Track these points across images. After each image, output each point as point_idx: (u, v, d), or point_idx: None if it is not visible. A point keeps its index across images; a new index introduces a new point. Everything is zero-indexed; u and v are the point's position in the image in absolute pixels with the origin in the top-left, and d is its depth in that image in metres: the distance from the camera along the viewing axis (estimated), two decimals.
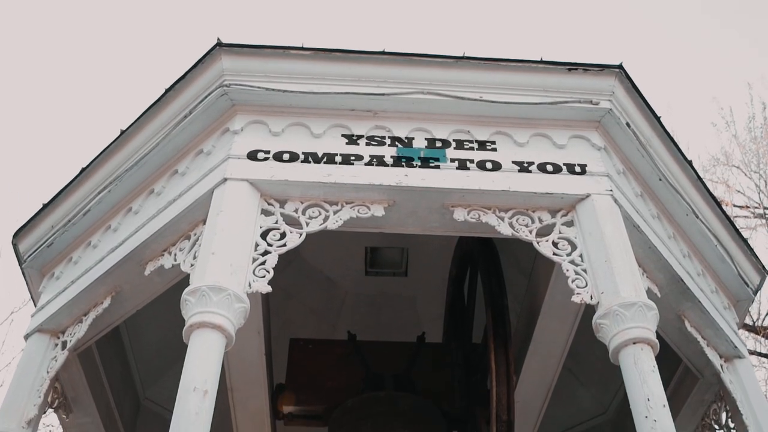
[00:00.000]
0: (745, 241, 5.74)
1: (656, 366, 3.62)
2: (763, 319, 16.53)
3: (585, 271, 4.01)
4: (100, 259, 4.78)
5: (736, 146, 18.51)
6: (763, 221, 17.52)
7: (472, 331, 5.96)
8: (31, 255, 5.40)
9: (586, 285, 3.95)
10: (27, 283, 5.60)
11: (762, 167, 17.99)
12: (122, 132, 4.99)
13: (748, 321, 15.63)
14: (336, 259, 7.06)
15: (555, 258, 4.10)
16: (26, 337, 5.01)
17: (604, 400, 7.03)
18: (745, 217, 17.56)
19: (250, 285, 3.77)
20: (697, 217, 5.20)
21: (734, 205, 17.12)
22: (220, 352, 3.52)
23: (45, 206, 5.37)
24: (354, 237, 6.75)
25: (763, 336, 16.19)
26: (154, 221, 4.50)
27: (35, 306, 5.37)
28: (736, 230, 5.66)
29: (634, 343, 3.65)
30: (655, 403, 3.46)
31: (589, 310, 3.99)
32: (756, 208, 18.05)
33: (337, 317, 7.21)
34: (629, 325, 3.69)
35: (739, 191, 18.42)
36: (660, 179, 4.93)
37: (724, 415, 5.40)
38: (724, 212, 5.55)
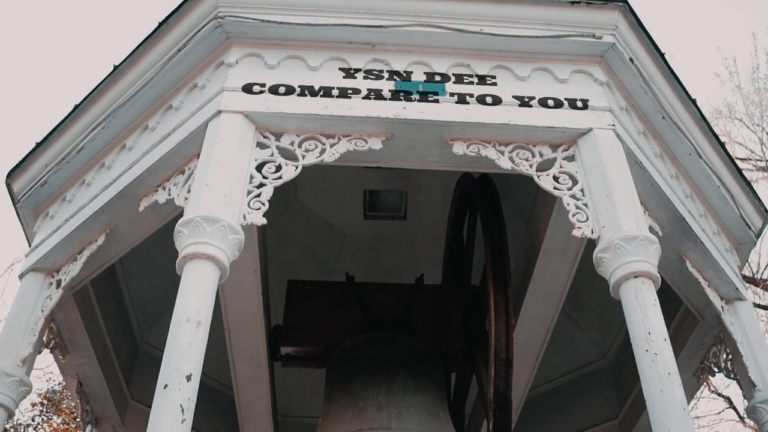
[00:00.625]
0: (748, 183, 5.67)
1: (657, 300, 3.56)
2: (763, 271, 16.55)
3: (586, 205, 3.94)
4: (94, 197, 4.71)
5: (739, 98, 18.39)
6: (765, 174, 17.46)
7: (471, 273, 5.91)
8: (25, 195, 5.33)
9: (587, 219, 3.88)
10: (22, 224, 5.55)
11: (765, 119, 17.88)
12: (115, 67, 4.89)
13: (747, 273, 15.64)
14: (334, 203, 6.99)
15: (555, 192, 4.03)
16: (21, 276, 4.97)
17: (603, 346, 7.02)
18: (748, 170, 17.51)
19: (244, 217, 3.70)
20: (700, 157, 5.12)
21: (736, 158, 17.03)
22: (214, 283, 3.46)
23: (38, 145, 5.29)
24: (353, 180, 6.70)
25: (762, 288, 16.21)
26: (148, 156, 4.43)
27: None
28: (740, 172, 5.59)
29: (636, 277, 3.59)
30: (656, 336, 3.41)
31: (590, 251, 3.93)
32: (758, 160, 17.98)
33: (335, 261, 7.16)
34: (631, 259, 3.63)
35: (740, 143, 18.35)
36: (663, 117, 4.84)
37: (723, 358, 5.36)
38: (727, 153, 5.47)
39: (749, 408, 4.82)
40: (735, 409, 17.89)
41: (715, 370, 5.50)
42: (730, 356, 5.22)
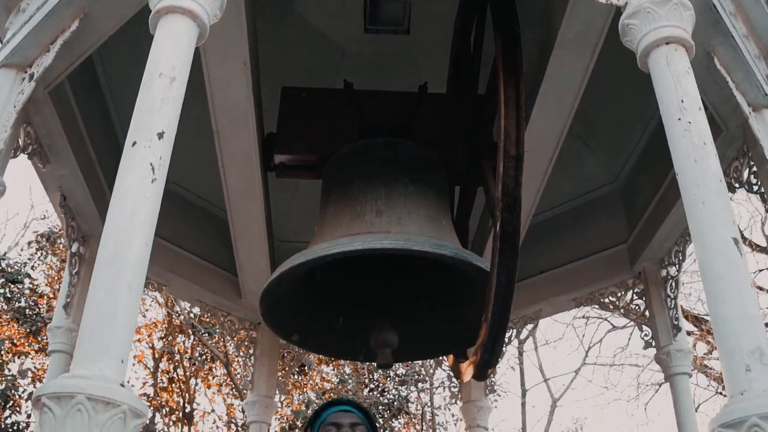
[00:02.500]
0: None
1: (692, 69, 3.19)
2: None
3: None
4: None
5: None
6: None
7: (477, 84, 5.49)
8: None
9: None
10: None
11: None
12: None
13: None
14: (333, 14, 6.49)
15: None
16: None
17: (614, 169, 6.70)
18: None
19: None
20: None
21: None
22: (192, 39, 3.09)
23: None
24: None
25: None
26: None
27: None
28: None
29: (668, 44, 3.21)
30: (689, 104, 3.06)
31: (606, 58, 3.51)
32: None
33: (334, 77, 6.69)
34: (662, 24, 3.23)
35: None
36: None
37: (746, 172, 5.03)
38: None
39: None
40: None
41: (737, 186, 5.17)
42: (754, 168, 4.89)
